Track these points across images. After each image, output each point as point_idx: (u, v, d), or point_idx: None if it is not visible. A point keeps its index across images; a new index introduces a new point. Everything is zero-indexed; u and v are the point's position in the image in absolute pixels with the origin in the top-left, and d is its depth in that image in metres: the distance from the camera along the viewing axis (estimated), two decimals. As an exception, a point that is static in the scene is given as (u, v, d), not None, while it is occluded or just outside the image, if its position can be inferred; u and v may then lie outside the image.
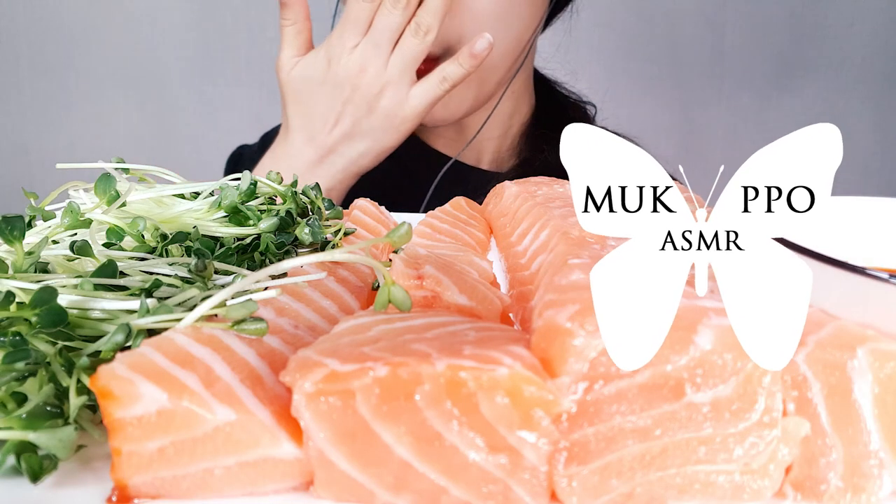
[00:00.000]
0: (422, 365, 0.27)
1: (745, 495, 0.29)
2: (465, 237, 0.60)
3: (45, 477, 0.28)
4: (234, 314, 0.32)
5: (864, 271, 0.31)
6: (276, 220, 0.48)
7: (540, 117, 1.05)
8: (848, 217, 0.45)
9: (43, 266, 0.39)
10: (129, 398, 0.27)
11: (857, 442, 0.29)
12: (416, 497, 0.28)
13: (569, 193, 0.65)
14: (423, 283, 0.40)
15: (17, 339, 0.31)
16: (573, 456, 0.28)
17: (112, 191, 0.46)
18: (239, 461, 0.28)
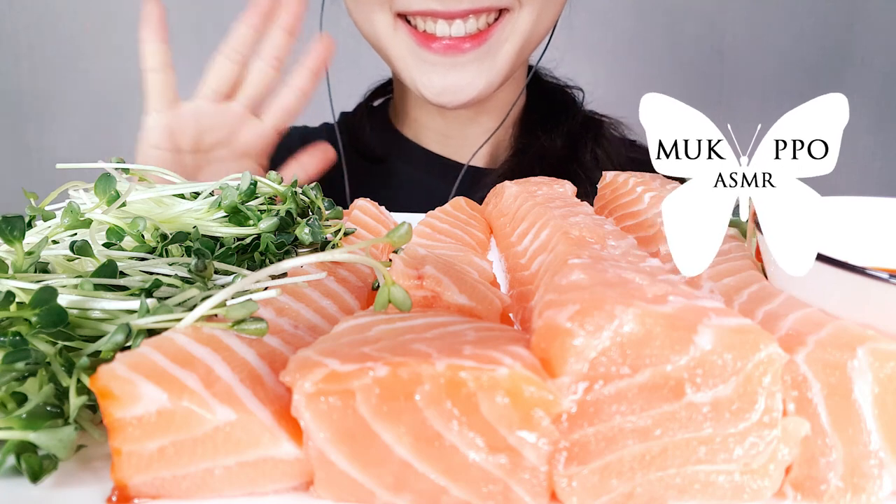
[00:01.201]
0: (422, 365, 0.27)
1: (745, 495, 0.29)
2: (465, 237, 0.60)
3: (45, 477, 0.28)
4: (234, 314, 0.32)
5: (864, 271, 0.31)
6: (276, 220, 0.48)
7: (531, 105, 1.04)
8: (848, 217, 0.45)
9: (43, 266, 0.39)
10: (129, 398, 0.27)
11: (857, 442, 0.29)
12: (416, 497, 0.28)
13: (569, 193, 0.65)
14: (423, 283, 0.40)
15: (17, 339, 0.31)
16: (573, 456, 0.28)
17: (112, 191, 0.46)
18: (239, 461, 0.28)
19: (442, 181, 0.98)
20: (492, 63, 0.86)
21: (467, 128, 1.00)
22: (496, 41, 0.86)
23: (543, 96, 1.04)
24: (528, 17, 0.85)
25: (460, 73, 0.85)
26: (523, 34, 0.86)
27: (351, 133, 1.03)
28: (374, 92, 1.11)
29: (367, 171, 1.01)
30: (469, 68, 0.85)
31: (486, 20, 0.85)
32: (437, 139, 1.02)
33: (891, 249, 0.44)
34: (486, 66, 0.86)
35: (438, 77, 0.86)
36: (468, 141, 1.00)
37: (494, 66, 0.87)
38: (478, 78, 0.86)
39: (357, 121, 1.05)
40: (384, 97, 1.11)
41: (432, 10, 0.82)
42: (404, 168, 1.02)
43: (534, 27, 0.86)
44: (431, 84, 0.86)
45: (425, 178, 1.01)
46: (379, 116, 1.08)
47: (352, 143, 1.01)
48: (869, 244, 0.44)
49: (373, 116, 1.07)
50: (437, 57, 0.84)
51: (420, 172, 1.02)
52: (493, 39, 0.85)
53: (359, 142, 1.02)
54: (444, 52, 0.84)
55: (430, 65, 0.85)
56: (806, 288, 0.36)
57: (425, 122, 1.01)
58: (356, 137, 1.03)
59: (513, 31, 0.86)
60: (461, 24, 0.83)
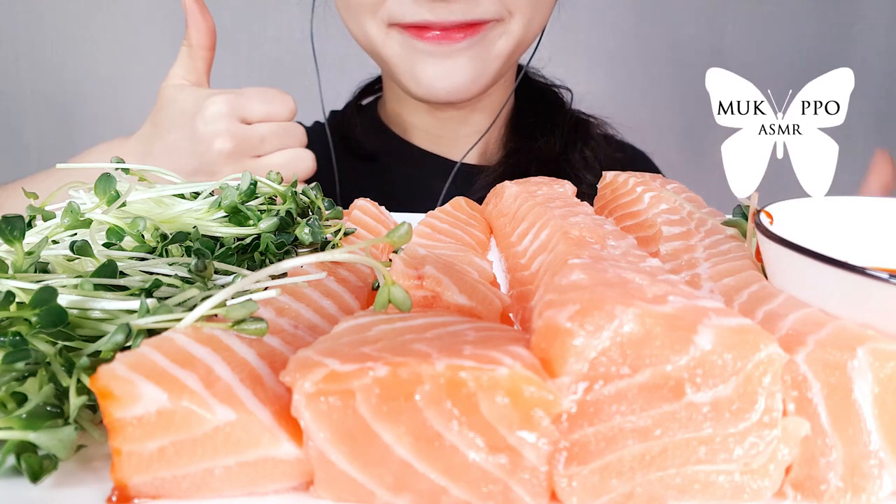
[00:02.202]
0: (422, 365, 0.27)
1: (745, 495, 0.29)
2: (465, 237, 0.60)
3: (45, 477, 0.28)
4: (234, 314, 0.32)
5: (864, 271, 0.31)
6: (276, 220, 0.48)
7: (521, 105, 1.04)
8: (848, 217, 0.45)
9: (43, 266, 0.39)
10: (129, 398, 0.27)
11: (857, 442, 0.29)
12: (416, 497, 0.28)
13: (569, 193, 0.65)
14: (423, 283, 0.40)
15: (17, 339, 0.31)
16: (573, 456, 0.28)
17: (112, 191, 0.46)
18: (239, 461, 0.28)
19: (434, 179, 0.97)
20: (486, 56, 0.87)
21: (458, 128, 1.00)
22: (489, 37, 0.86)
23: (533, 96, 1.04)
24: (519, 23, 0.86)
25: (455, 61, 0.85)
26: (516, 37, 0.87)
27: (341, 131, 1.02)
28: (364, 90, 1.10)
29: (357, 170, 1.00)
30: (463, 55, 0.85)
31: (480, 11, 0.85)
32: (427, 139, 1.02)
33: (891, 249, 0.44)
34: (480, 56, 0.86)
35: (433, 66, 0.86)
36: (459, 141, 1.00)
37: (488, 60, 0.87)
38: (470, 67, 0.86)
39: (347, 119, 1.05)
40: (374, 96, 1.10)
41: (425, 21, 0.83)
42: (395, 166, 1.02)
43: (525, 31, 0.88)
44: (426, 73, 0.86)
45: (417, 176, 1.01)
46: (369, 114, 1.07)
47: (342, 142, 1.01)
48: (869, 244, 0.44)
49: (362, 114, 1.07)
50: (431, 46, 0.85)
51: (412, 170, 1.01)
52: (485, 33, 0.86)
53: (349, 140, 1.02)
54: (437, 41, 0.84)
55: (424, 54, 0.85)
56: (806, 288, 0.36)
57: (415, 122, 1.01)
58: (346, 136, 1.02)
59: (506, 30, 0.87)
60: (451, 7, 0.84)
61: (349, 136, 1.02)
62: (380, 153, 1.03)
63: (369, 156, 1.02)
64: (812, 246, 0.35)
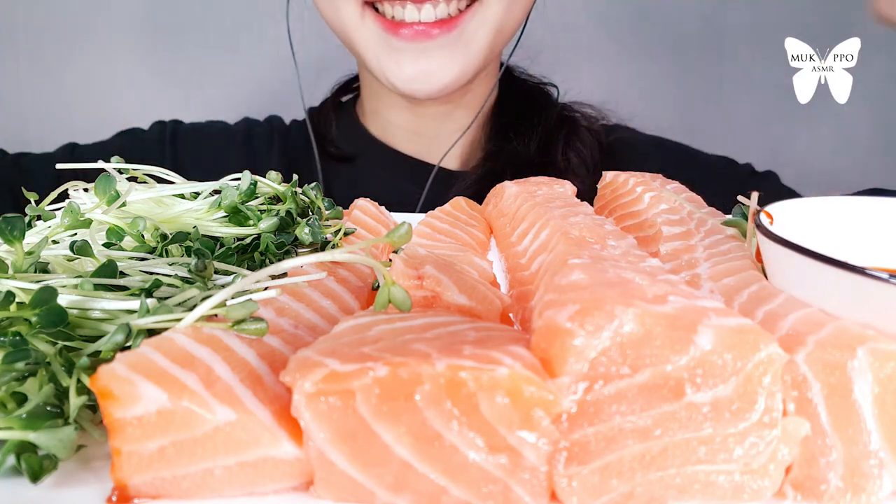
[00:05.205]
0: (422, 365, 0.27)
1: (745, 495, 0.29)
2: (465, 237, 0.60)
3: (45, 477, 0.28)
4: (234, 314, 0.32)
5: (864, 271, 0.31)
6: (276, 220, 0.48)
7: (502, 105, 1.00)
8: (848, 217, 0.45)
9: (43, 266, 0.39)
10: (129, 398, 0.27)
11: (857, 442, 0.29)
12: (416, 497, 0.28)
13: (569, 193, 0.65)
14: (423, 283, 0.40)
15: (17, 339, 0.31)
16: (573, 456, 0.28)
17: (112, 191, 0.46)
18: (239, 461, 0.28)
19: (411, 183, 0.94)
20: (465, 51, 0.84)
21: (439, 125, 0.97)
22: (467, 30, 0.84)
23: (517, 94, 1.01)
24: (498, 7, 0.83)
25: (430, 60, 0.83)
26: (495, 23, 0.84)
27: (316, 130, 0.98)
28: (342, 87, 1.06)
29: (334, 171, 0.97)
30: (439, 54, 0.83)
31: (456, 6, 0.83)
32: (406, 137, 0.98)
33: (891, 249, 0.44)
34: (459, 53, 0.84)
35: (408, 64, 0.83)
36: (439, 139, 0.96)
37: (468, 55, 0.85)
38: (449, 64, 0.84)
39: (323, 117, 1.01)
40: (352, 94, 1.06)
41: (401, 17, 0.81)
42: (372, 169, 0.98)
43: (505, 16, 0.85)
44: (401, 71, 0.84)
45: (393, 180, 0.97)
46: (346, 113, 1.03)
47: (317, 141, 0.97)
48: (869, 244, 0.44)
49: (340, 113, 1.03)
50: (406, 44, 0.82)
51: (388, 174, 0.98)
52: (463, 27, 0.83)
53: (324, 139, 0.98)
54: (412, 38, 0.82)
55: (398, 52, 0.83)
56: (806, 288, 0.36)
57: (394, 120, 0.97)
58: (321, 135, 0.98)
59: (484, 19, 0.84)
60: (431, 10, 0.81)
61: (324, 134, 0.99)
62: (356, 154, 0.99)
63: (345, 157, 0.99)
64: (812, 246, 0.35)
